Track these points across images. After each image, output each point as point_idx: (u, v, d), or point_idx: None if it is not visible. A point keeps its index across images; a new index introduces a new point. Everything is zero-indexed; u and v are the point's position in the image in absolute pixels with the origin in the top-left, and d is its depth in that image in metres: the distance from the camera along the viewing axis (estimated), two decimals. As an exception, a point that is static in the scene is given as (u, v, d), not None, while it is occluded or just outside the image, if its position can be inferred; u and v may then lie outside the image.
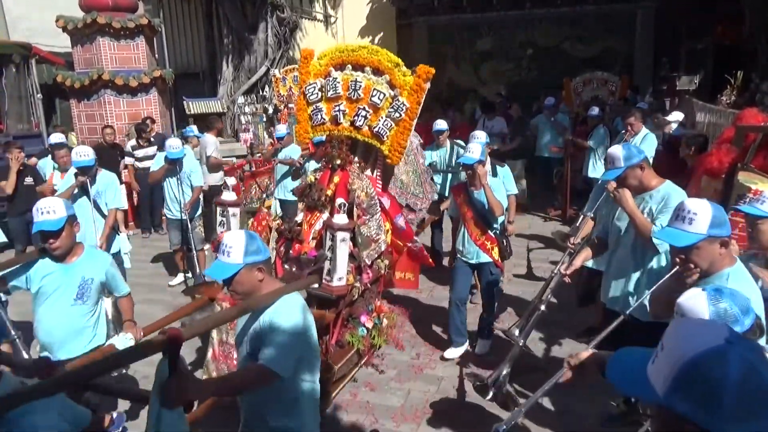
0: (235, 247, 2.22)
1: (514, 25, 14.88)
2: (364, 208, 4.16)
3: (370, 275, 4.18)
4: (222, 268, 2.23)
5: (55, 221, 2.96)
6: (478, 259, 4.56)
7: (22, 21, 12.27)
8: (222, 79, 13.22)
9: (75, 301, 3.15)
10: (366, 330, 4.20)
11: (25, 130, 8.75)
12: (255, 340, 2.26)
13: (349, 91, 4.32)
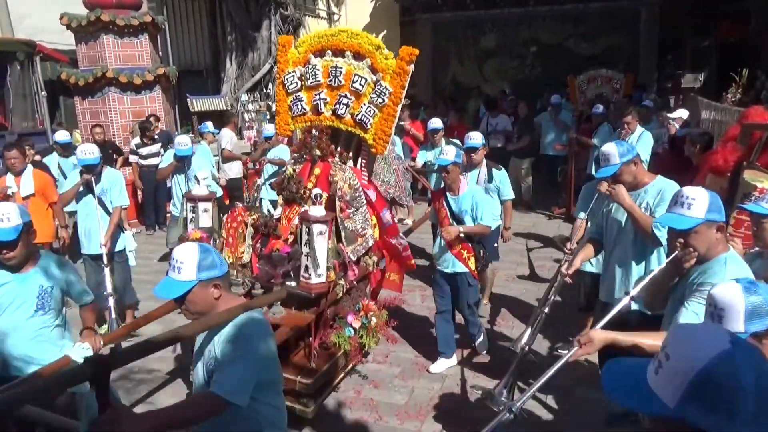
0: (186, 262, 1.98)
1: (517, 23, 14.82)
2: (347, 201, 3.96)
3: (356, 272, 3.96)
4: (172, 286, 1.99)
5: (9, 230, 2.75)
6: (453, 269, 4.31)
7: (26, 19, 12.30)
8: (226, 76, 13.23)
9: (36, 311, 2.94)
10: (353, 330, 3.96)
11: (30, 127, 8.78)
12: (209, 363, 2.03)
13: (329, 78, 4.16)
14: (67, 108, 11.90)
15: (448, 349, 4.50)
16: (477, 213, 4.26)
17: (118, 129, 9.41)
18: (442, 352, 4.50)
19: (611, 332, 2.27)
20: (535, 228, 8.38)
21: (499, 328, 5.22)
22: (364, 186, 4.23)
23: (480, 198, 4.31)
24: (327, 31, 4.33)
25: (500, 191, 5.19)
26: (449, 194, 4.34)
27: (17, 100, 8.91)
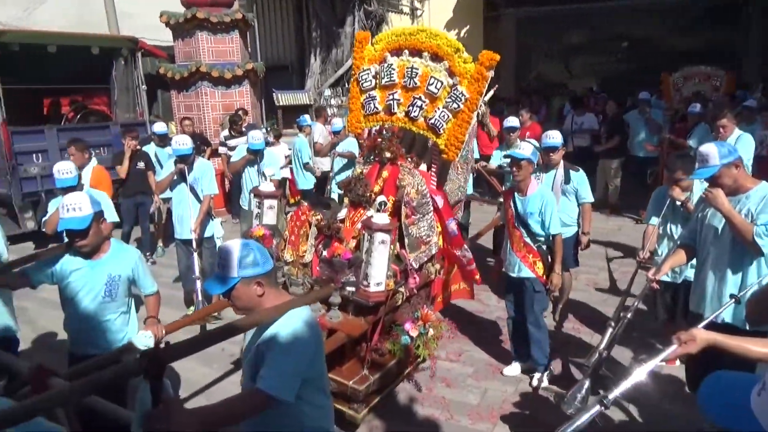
0: (228, 260, 2.01)
1: (609, 17, 14.19)
2: (413, 207, 3.84)
3: (417, 280, 3.84)
4: (217, 282, 2.04)
5: (81, 219, 2.85)
6: (518, 273, 4.07)
7: (130, 17, 13.17)
8: (310, 71, 13.58)
9: (104, 298, 3.05)
10: (410, 339, 3.82)
11: (131, 118, 9.38)
12: (257, 360, 2.01)
13: (404, 79, 4.08)
14: (164, 101, 12.65)
15: (522, 354, 4.38)
16: (545, 217, 3.96)
17: (209, 121, 9.90)
18: (516, 357, 4.41)
19: (716, 334, 2.08)
20: (621, 232, 8.01)
21: (578, 335, 5.04)
22: (432, 192, 4.12)
23: (549, 201, 3.98)
24: (405, 30, 4.23)
25: (578, 193, 4.94)
26: (517, 194, 4.07)
27: (121, 93, 9.55)
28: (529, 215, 3.99)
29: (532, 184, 4.06)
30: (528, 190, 4.03)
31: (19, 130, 7.90)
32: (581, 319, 5.29)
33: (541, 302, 4.13)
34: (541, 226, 3.99)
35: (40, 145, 7.99)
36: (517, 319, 4.28)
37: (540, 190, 4.06)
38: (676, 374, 4.22)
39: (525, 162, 3.94)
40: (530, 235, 4.02)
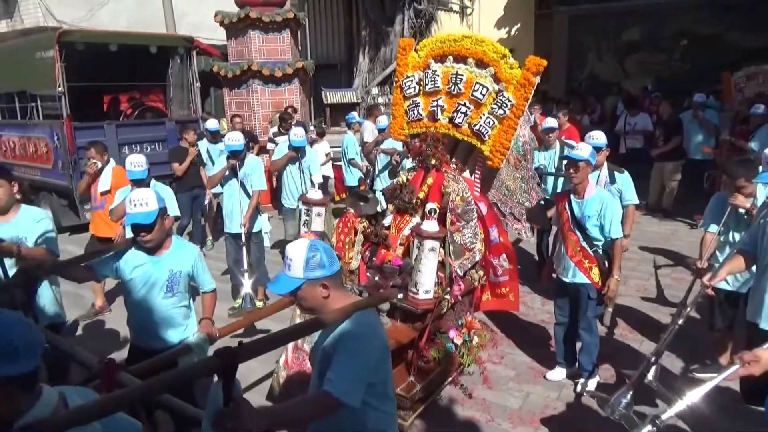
0: (295, 260, 2.00)
1: (667, 13, 13.66)
2: (458, 214, 3.84)
3: (461, 287, 3.81)
4: (283, 282, 2.03)
5: (147, 214, 2.91)
6: (573, 279, 3.95)
7: (187, 17, 13.59)
8: (358, 70, 13.66)
9: (165, 293, 3.10)
10: (454, 346, 3.82)
11: (185, 115, 9.68)
12: (324, 362, 2.00)
13: (449, 85, 4.05)
14: (216, 98, 13.00)
15: (567, 360, 4.30)
16: (604, 221, 3.82)
17: (259, 119, 10.11)
18: (560, 362, 4.32)
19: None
20: (674, 237, 7.73)
21: (626, 341, 4.90)
22: (476, 198, 4.09)
23: (610, 204, 3.84)
24: (450, 36, 4.20)
25: (622, 195, 4.83)
26: (573, 197, 3.94)
27: (176, 90, 9.87)
28: (586, 218, 3.86)
29: (590, 187, 3.93)
30: (586, 193, 3.90)
31: (81, 125, 8.28)
32: (629, 326, 5.15)
33: (595, 308, 4.03)
34: (600, 229, 3.86)
35: (99, 140, 8.35)
36: (564, 324, 4.20)
37: (599, 193, 3.93)
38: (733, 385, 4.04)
39: (583, 163, 3.81)
40: (587, 240, 3.90)
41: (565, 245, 3.98)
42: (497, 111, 3.92)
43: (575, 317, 4.17)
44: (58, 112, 8.16)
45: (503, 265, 4.20)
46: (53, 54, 7.87)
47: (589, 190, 3.91)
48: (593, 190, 3.94)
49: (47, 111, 8.74)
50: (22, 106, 8.98)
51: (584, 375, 4.12)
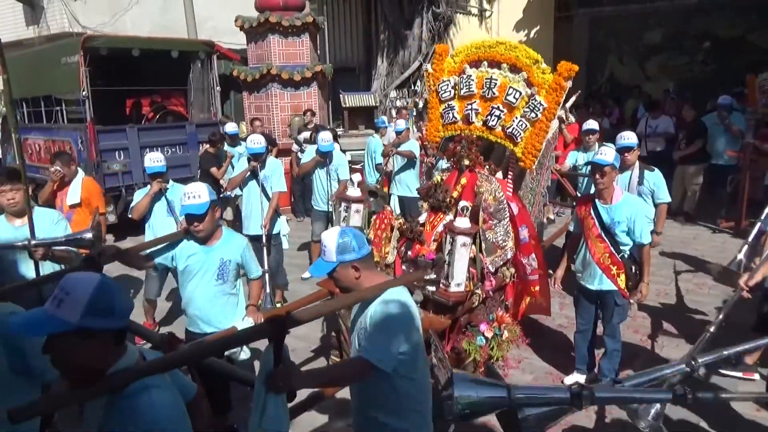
0: (328, 246, 2.28)
1: (689, 15, 13.48)
2: (491, 213, 3.96)
3: (493, 283, 3.93)
4: (320, 267, 2.32)
5: (199, 205, 3.10)
6: (599, 286, 3.90)
7: (208, 21, 13.77)
8: (376, 73, 13.70)
9: (216, 280, 3.29)
10: (485, 340, 3.90)
11: (205, 119, 9.80)
12: (361, 332, 2.28)
13: (483, 90, 4.17)
14: (236, 102, 13.13)
15: (586, 366, 4.26)
16: (634, 227, 3.76)
17: (278, 122, 10.19)
18: (579, 367, 4.28)
19: None
20: (696, 241, 7.61)
21: (647, 347, 4.84)
22: (509, 198, 4.17)
23: (639, 209, 3.81)
24: (485, 42, 4.33)
25: (654, 194, 4.83)
26: (599, 202, 3.88)
27: (197, 94, 10.00)
28: (616, 224, 3.80)
29: (616, 192, 3.87)
30: (613, 198, 3.84)
31: (104, 129, 8.43)
32: (648, 332, 5.08)
33: (620, 315, 3.99)
34: (628, 234, 3.81)
35: (122, 143, 8.50)
36: (587, 332, 4.16)
37: (627, 197, 3.88)
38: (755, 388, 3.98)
39: (608, 168, 3.76)
40: (615, 245, 3.84)
41: (591, 252, 3.92)
42: (529, 114, 4.00)
43: (596, 324, 4.15)
44: (82, 116, 8.32)
45: (532, 264, 4.25)
46: (78, 59, 8.03)
47: (616, 195, 3.86)
48: (621, 194, 3.88)
49: (72, 115, 8.92)
50: (48, 109, 9.18)
51: (603, 381, 4.07)
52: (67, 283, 1.59)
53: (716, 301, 5.66)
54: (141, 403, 1.60)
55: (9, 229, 3.46)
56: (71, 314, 1.53)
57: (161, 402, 1.64)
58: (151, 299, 5.20)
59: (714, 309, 5.49)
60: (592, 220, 3.91)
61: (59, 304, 1.55)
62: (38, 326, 1.55)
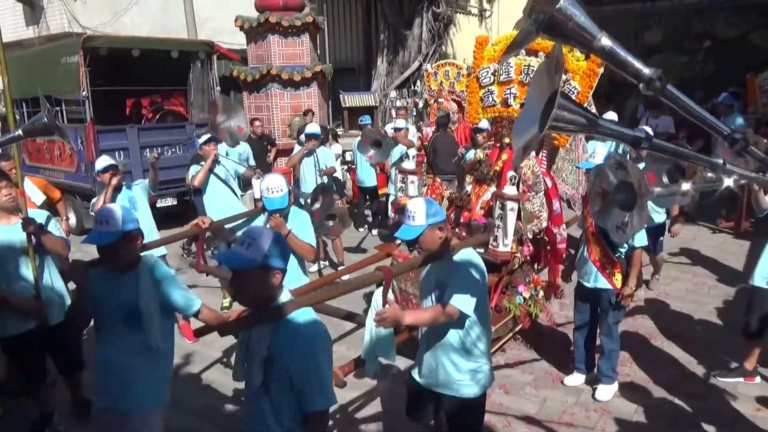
0: (418, 212, 2.62)
1: (689, 15, 13.47)
2: (529, 185, 4.35)
3: (530, 248, 4.40)
4: (409, 231, 2.64)
5: (282, 198, 3.56)
6: (594, 283, 3.98)
7: (208, 22, 13.77)
8: (376, 73, 13.71)
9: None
10: (523, 299, 4.42)
11: (205, 119, 9.79)
12: (441, 286, 2.68)
13: (521, 75, 4.45)
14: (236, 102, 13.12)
15: (586, 366, 4.26)
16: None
17: (277, 122, 10.19)
18: (579, 367, 4.28)
19: None
20: (695, 241, 7.61)
21: (647, 347, 4.83)
22: (544, 174, 4.51)
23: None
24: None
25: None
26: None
27: (196, 94, 9.99)
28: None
29: None
30: None
31: (104, 129, 8.42)
32: (649, 332, 5.08)
33: (615, 314, 4.02)
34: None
35: (122, 144, 8.49)
36: (584, 329, 4.18)
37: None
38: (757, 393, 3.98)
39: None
40: (610, 246, 3.89)
41: (588, 249, 4.00)
42: None
43: (595, 323, 4.15)
44: (82, 116, 8.32)
45: (562, 234, 4.55)
46: (78, 59, 8.03)
47: None
48: None
49: (71, 115, 8.91)
50: (48, 110, 9.17)
51: (603, 381, 4.08)
52: (252, 232, 2.10)
53: (716, 301, 5.66)
54: (303, 325, 2.10)
55: (1, 228, 3.45)
56: (257, 254, 2.01)
57: (317, 324, 2.13)
58: None
59: (714, 309, 5.50)
60: (591, 218, 3.95)
61: (248, 246, 2.02)
62: (235, 260, 2.03)
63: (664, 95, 1.59)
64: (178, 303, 2.65)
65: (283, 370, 2.04)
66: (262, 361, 2.07)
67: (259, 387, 2.09)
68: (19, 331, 3.51)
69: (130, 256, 2.61)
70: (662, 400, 4.02)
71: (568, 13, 1.48)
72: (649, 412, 3.90)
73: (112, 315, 2.58)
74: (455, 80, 8.15)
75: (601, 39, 1.53)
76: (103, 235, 2.49)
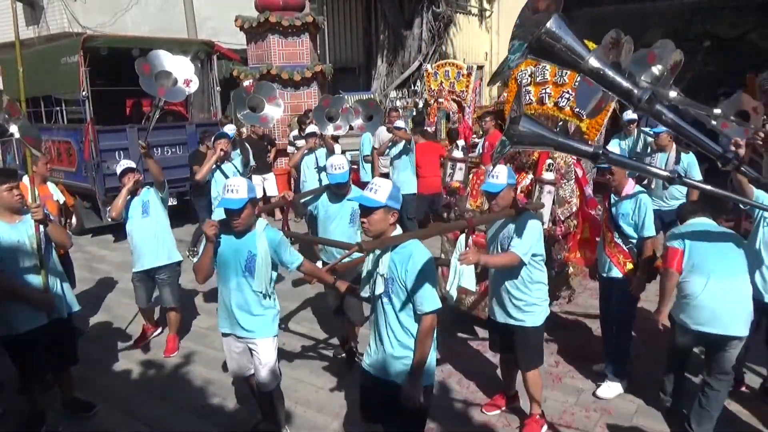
0: (501, 173, 3.42)
1: (689, 15, 13.49)
2: (562, 173, 4.76)
3: (562, 229, 4.80)
4: (493, 186, 3.40)
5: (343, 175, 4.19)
6: (608, 273, 4.09)
7: (208, 21, 13.77)
8: (376, 73, 13.70)
9: (350, 223, 4.38)
10: (555, 273, 4.72)
11: (206, 119, 9.79)
12: (506, 240, 3.46)
13: (555, 77, 4.84)
14: (236, 102, 13.11)
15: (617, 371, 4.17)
16: (638, 219, 3.92)
17: (278, 122, 10.17)
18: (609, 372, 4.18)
19: None
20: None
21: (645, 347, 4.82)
22: (575, 164, 4.86)
23: (644, 203, 3.93)
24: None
25: (687, 173, 5.29)
26: (613, 194, 4.14)
27: (197, 94, 9.94)
28: (620, 217, 4.03)
29: (628, 185, 4.06)
30: (623, 191, 4.05)
31: (104, 129, 8.42)
32: (649, 331, 5.06)
33: (629, 304, 4.12)
34: (634, 228, 3.98)
35: (122, 144, 8.48)
36: (606, 316, 4.26)
37: (635, 192, 4.00)
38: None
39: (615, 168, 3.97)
40: (621, 237, 4.03)
41: (603, 241, 4.17)
42: None
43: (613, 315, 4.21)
44: (82, 116, 8.32)
45: (599, 215, 4.84)
46: (78, 59, 8.03)
47: (627, 189, 4.04)
48: (631, 188, 4.04)
49: (71, 115, 8.91)
50: (48, 110, 9.18)
51: (608, 377, 4.12)
52: (377, 182, 2.75)
53: None
54: (413, 251, 2.69)
55: (7, 228, 3.48)
56: (382, 197, 2.67)
57: (422, 250, 2.72)
58: (143, 307, 5.07)
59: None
60: (606, 211, 4.19)
61: (376, 192, 2.68)
62: (366, 200, 2.67)
63: (654, 115, 1.61)
64: (285, 258, 3.32)
65: (401, 282, 2.65)
66: (382, 276, 2.70)
67: (382, 294, 2.72)
68: (31, 326, 3.54)
69: (251, 219, 3.19)
70: (662, 400, 4.01)
71: (556, 35, 1.51)
72: (649, 412, 3.90)
73: (235, 267, 3.23)
74: (455, 80, 8.21)
75: (590, 60, 1.55)
76: (233, 201, 3.07)
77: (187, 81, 4.86)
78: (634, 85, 1.59)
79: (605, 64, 1.59)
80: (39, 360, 3.65)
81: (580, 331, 5.19)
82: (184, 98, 4.67)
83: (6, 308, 3.48)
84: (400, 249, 2.71)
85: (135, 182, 4.65)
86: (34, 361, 3.63)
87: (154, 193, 4.78)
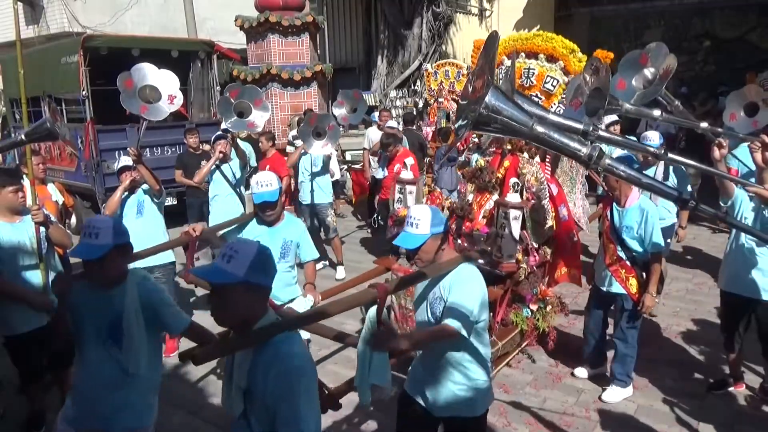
0: (422, 220, 2.44)
1: (689, 15, 13.46)
2: (533, 192, 4.19)
3: (537, 258, 4.24)
4: (411, 239, 2.45)
5: (272, 192, 3.38)
6: (609, 288, 3.89)
7: (208, 21, 13.77)
8: (376, 73, 13.70)
9: (280, 258, 3.46)
10: (531, 312, 4.25)
11: (205, 118, 9.80)
12: (437, 303, 2.49)
13: (521, 79, 4.40)
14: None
15: (595, 362, 4.29)
16: (644, 233, 3.68)
17: (277, 122, 10.19)
18: (587, 360, 4.31)
19: None
20: (695, 241, 7.60)
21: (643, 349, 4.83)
22: (548, 180, 4.40)
23: (651, 214, 3.67)
24: (522, 35, 4.57)
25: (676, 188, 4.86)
26: (615, 204, 3.85)
27: (197, 94, 9.99)
28: (625, 229, 3.76)
29: (632, 194, 3.77)
30: (627, 202, 3.77)
31: (104, 128, 8.42)
32: (647, 334, 5.07)
33: (631, 319, 3.90)
34: (639, 242, 3.73)
35: (121, 143, 8.47)
36: (596, 332, 4.17)
37: (641, 203, 3.75)
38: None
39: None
40: (624, 250, 3.79)
41: (604, 253, 3.93)
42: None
43: (607, 325, 4.18)
44: (82, 116, 8.31)
45: (573, 239, 4.44)
46: (78, 59, 8.03)
47: (630, 198, 3.77)
48: (635, 199, 3.77)
49: (71, 114, 8.91)
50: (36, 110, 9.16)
51: (615, 383, 4.03)
52: (235, 245, 1.87)
53: (716, 301, 5.63)
54: (283, 358, 1.84)
55: (8, 227, 3.48)
56: (239, 269, 1.80)
57: (299, 358, 1.88)
58: None
59: (714, 309, 5.49)
60: (607, 220, 3.90)
61: (229, 260, 1.82)
62: (214, 275, 1.82)
63: (606, 170, 1.64)
64: (165, 321, 2.53)
65: (261, 403, 1.85)
66: (241, 390, 1.90)
67: (240, 417, 1.93)
68: (31, 327, 3.53)
69: (119, 270, 2.44)
70: (662, 400, 4.02)
71: (496, 107, 1.54)
72: (649, 412, 3.90)
73: (96, 334, 2.42)
74: (455, 80, 8.20)
75: (534, 126, 1.60)
76: (91, 248, 2.30)
77: (172, 97, 4.50)
78: (581, 144, 1.62)
79: (551, 128, 1.61)
80: (39, 360, 3.64)
81: (580, 331, 5.19)
82: (165, 116, 4.46)
83: (6, 309, 3.48)
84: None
85: (131, 181, 4.63)
86: (33, 362, 3.63)
87: (150, 193, 4.77)
